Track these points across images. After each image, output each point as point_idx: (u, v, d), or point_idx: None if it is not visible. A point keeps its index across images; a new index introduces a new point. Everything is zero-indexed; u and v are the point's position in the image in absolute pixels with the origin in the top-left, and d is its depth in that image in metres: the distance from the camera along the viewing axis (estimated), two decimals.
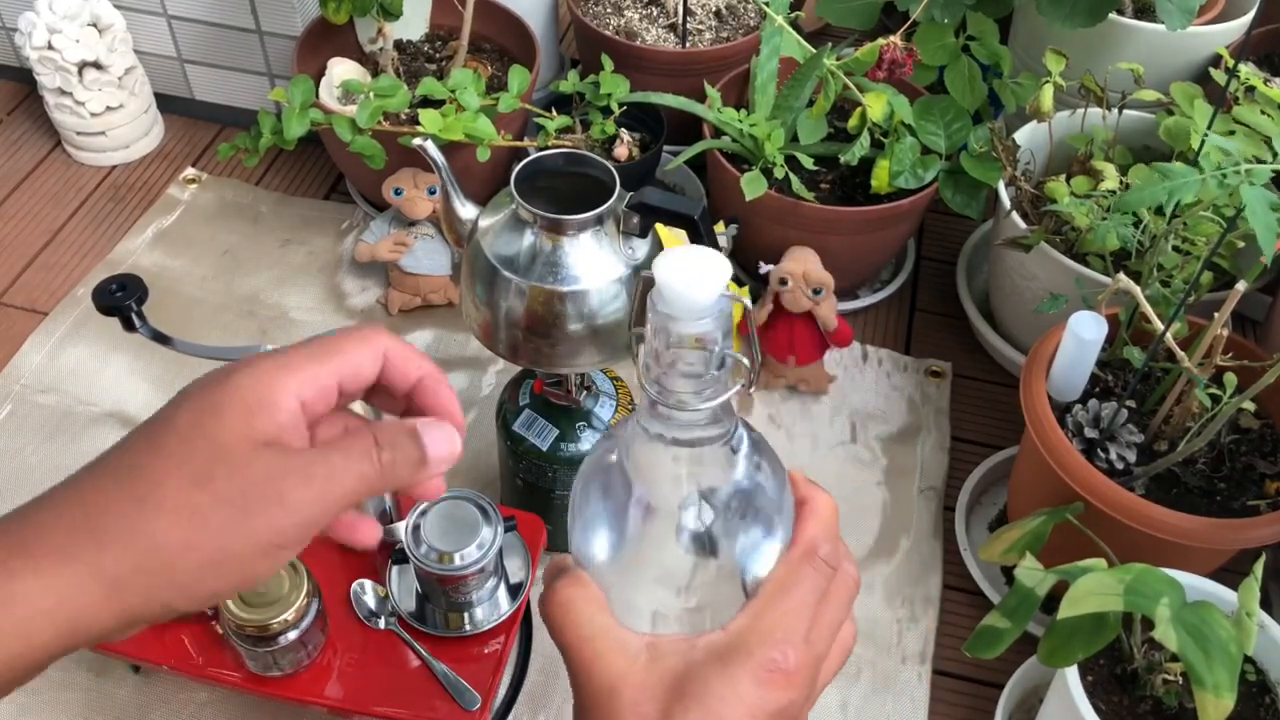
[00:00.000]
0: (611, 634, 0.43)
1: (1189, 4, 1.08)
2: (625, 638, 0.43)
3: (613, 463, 0.45)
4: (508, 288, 0.77)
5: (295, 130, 1.08)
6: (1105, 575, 0.70)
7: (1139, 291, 0.83)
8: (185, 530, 0.40)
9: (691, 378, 0.41)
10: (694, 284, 0.39)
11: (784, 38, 1.14)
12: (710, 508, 0.44)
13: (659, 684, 0.42)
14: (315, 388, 0.43)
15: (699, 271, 0.39)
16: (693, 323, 0.40)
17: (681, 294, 0.39)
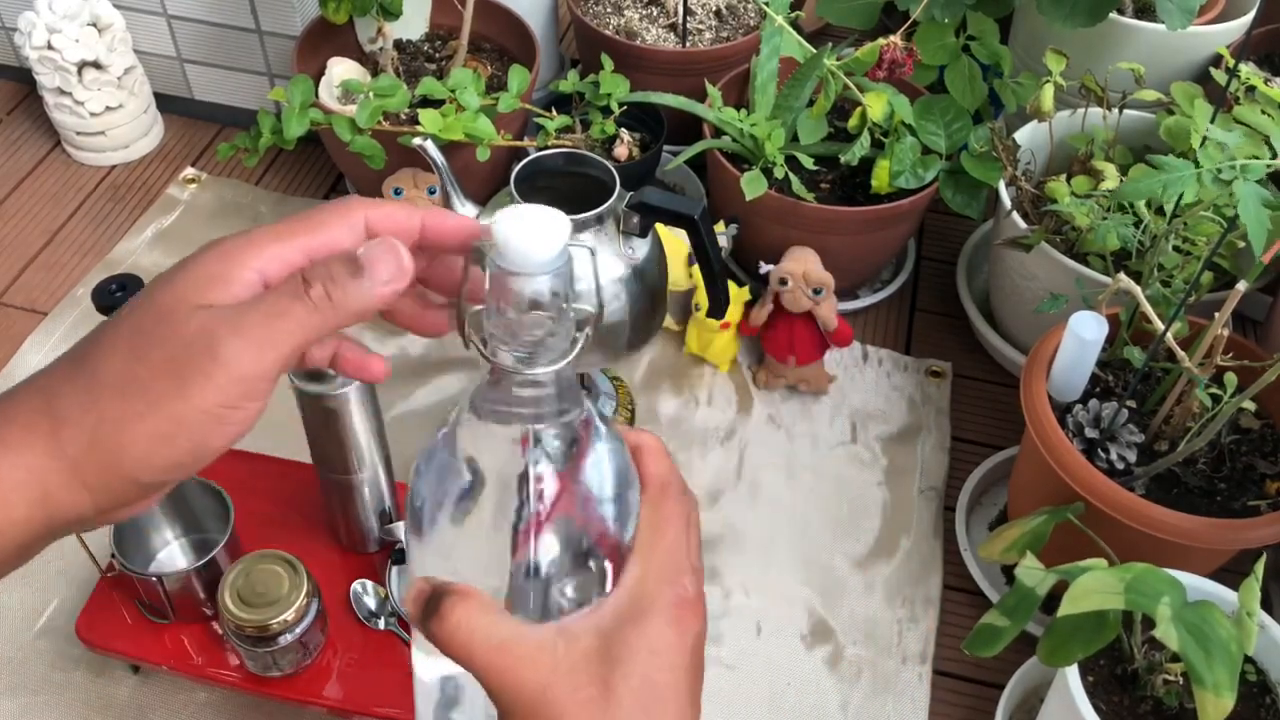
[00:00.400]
0: (521, 635, 0.41)
1: (1189, 4, 1.08)
2: (534, 634, 0.41)
3: (452, 456, 0.43)
4: None
5: (295, 130, 1.08)
6: (1106, 574, 0.70)
7: (1139, 291, 0.83)
8: (128, 402, 0.39)
9: (537, 342, 0.40)
10: (535, 237, 0.38)
11: (784, 37, 1.14)
12: (561, 481, 0.42)
13: (587, 664, 0.41)
14: (279, 263, 0.41)
15: (540, 225, 0.38)
16: (536, 279, 0.38)
17: (523, 248, 0.38)
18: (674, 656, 0.42)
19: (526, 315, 0.39)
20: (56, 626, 0.94)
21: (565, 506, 0.42)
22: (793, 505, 1.04)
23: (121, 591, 0.87)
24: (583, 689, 0.40)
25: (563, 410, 0.42)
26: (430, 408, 1.11)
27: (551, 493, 0.42)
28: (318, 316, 0.40)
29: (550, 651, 0.41)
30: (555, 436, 0.42)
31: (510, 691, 0.40)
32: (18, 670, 0.91)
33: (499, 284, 0.39)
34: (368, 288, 0.40)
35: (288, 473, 0.95)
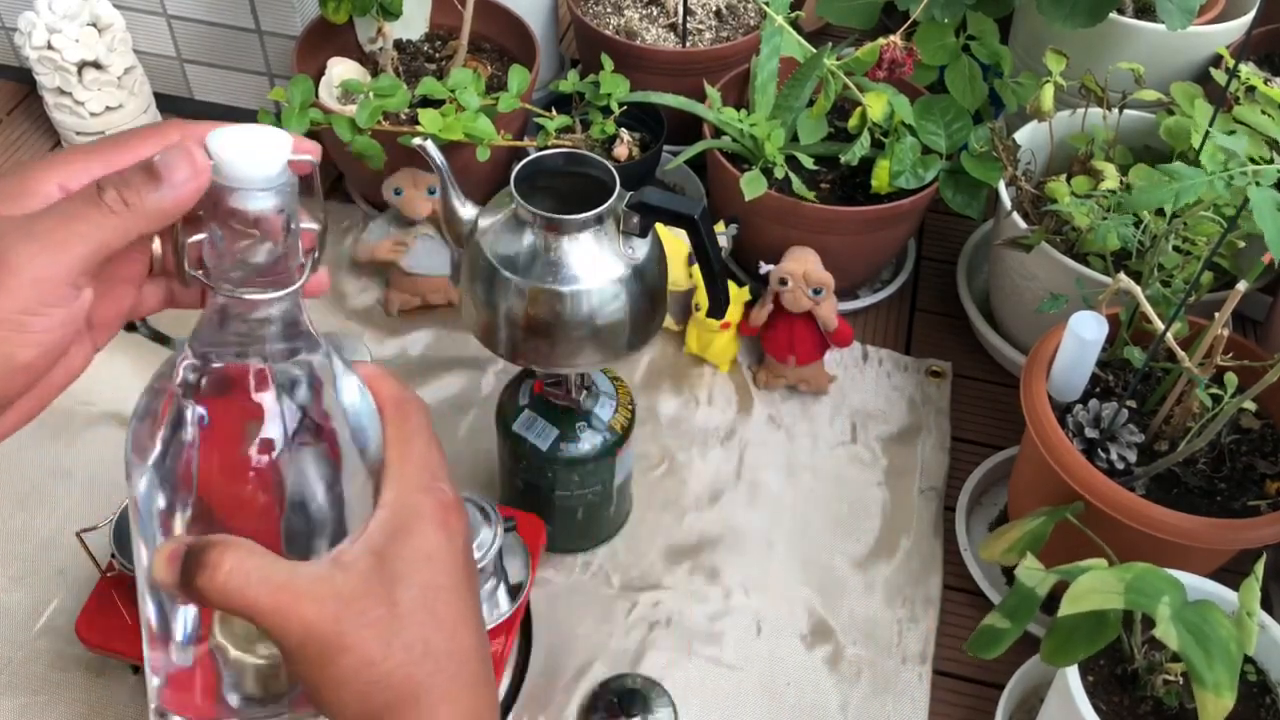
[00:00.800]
0: (297, 572, 0.40)
1: (1189, 4, 1.08)
2: (310, 569, 0.40)
3: (182, 401, 0.41)
4: (508, 288, 0.77)
5: (294, 130, 1.08)
6: (1106, 574, 0.70)
7: (1139, 291, 0.83)
8: None
9: (260, 265, 0.38)
10: (253, 151, 0.37)
11: (784, 37, 1.14)
12: (303, 414, 0.41)
13: (368, 586, 0.41)
14: (84, 177, 0.41)
15: (257, 139, 0.37)
16: (256, 195, 0.37)
17: (240, 162, 0.37)
18: (448, 559, 0.43)
19: (249, 237, 0.38)
20: (56, 626, 0.94)
21: (310, 440, 0.41)
22: (793, 505, 1.04)
23: (121, 592, 0.86)
24: (370, 611, 0.40)
25: (295, 341, 0.41)
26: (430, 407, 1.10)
27: (293, 428, 0.41)
28: (114, 219, 0.39)
29: (330, 583, 0.40)
30: (293, 368, 0.41)
31: (298, 632, 0.39)
32: (17, 670, 0.91)
33: (218, 202, 0.37)
34: (165, 190, 0.39)
35: None
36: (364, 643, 0.40)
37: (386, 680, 0.41)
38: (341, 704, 0.41)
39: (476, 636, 0.44)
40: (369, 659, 0.40)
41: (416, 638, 0.41)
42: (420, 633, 0.42)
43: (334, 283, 1.23)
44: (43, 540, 1.00)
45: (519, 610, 0.86)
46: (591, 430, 0.89)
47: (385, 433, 0.44)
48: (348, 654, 0.40)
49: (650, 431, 1.09)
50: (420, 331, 1.18)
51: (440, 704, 0.42)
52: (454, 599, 0.43)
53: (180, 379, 0.40)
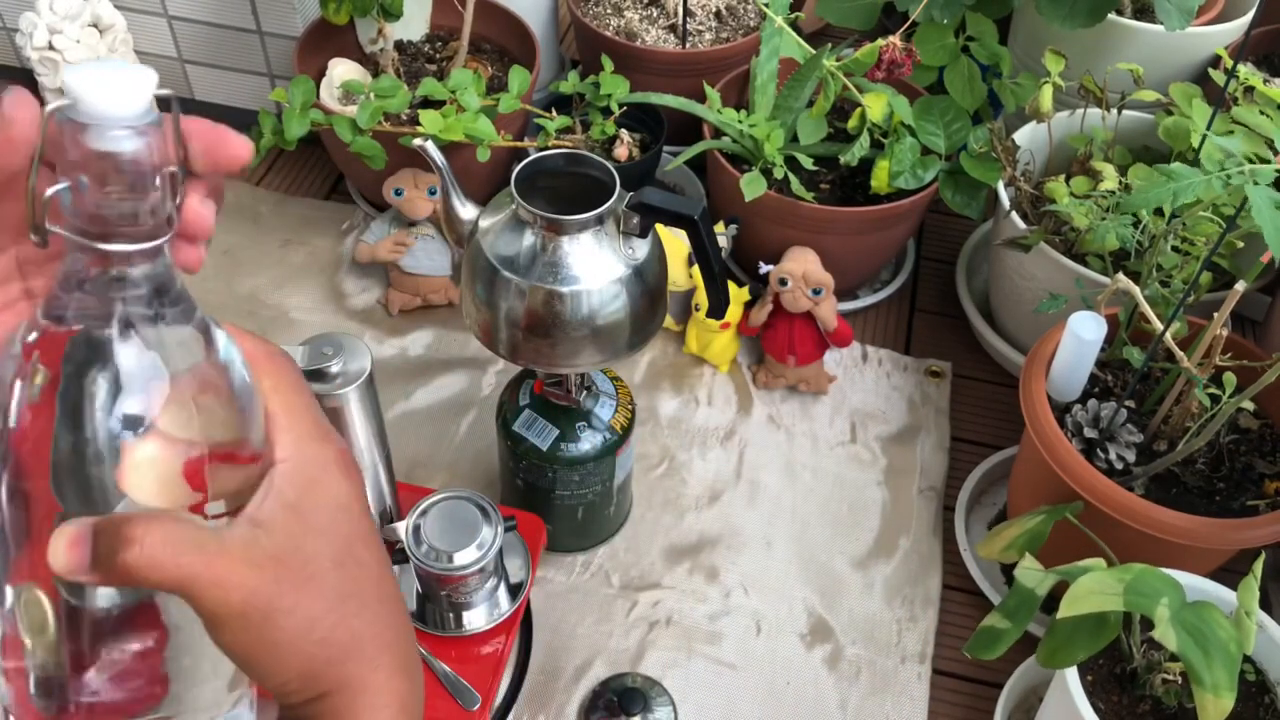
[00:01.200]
0: (224, 539, 0.38)
1: (1188, 4, 1.08)
2: (234, 533, 0.38)
3: (28, 374, 0.38)
4: (508, 288, 0.77)
5: (295, 131, 1.08)
6: (1105, 575, 0.70)
7: (1138, 291, 0.83)
8: None
9: (126, 215, 0.35)
10: (114, 83, 0.34)
11: (784, 38, 1.14)
12: (179, 379, 0.38)
13: (295, 542, 0.39)
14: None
15: (118, 72, 0.34)
16: (117, 135, 0.34)
17: (99, 95, 0.34)
18: (359, 507, 0.42)
19: (113, 183, 0.35)
20: None
21: (186, 401, 0.38)
22: (792, 505, 1.04)
23: None
24: (305, 568, 0.39)
25: (165, 298, 0.38)
26: (430, 408, 1.11)
27: (165, 395, 0.37)
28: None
29: (258, 544, 0.38)
30: (164, 330, 0.38)
31: (238, 600, 0.37)
32: None
33: (75, 144, 0.35)
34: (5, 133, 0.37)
35: None
36: (305, 602, 0.39)
37: (328, 638, 0.40)
38: (280, 670, 0.39)
39: (394, 582, 0.45)
40: (310, 618, 0.39)
41: (347, 590, 0.41)
42: (350, 584, 0.41)
43: (334, 283, 1.23)
44: None
45: (519, 609, 0.86)
46: (591, 430, 0.89)
47: (261, 386, 0.42)
48: (290, 615, 0.39)
49: (650, 431, 1.09)
50: (420, 331, 1.18)
51: (381, 653, 0.42)
52: (373, 544, 0.43)
53: (29, 345, 0.37)
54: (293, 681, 0.40)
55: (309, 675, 0.40)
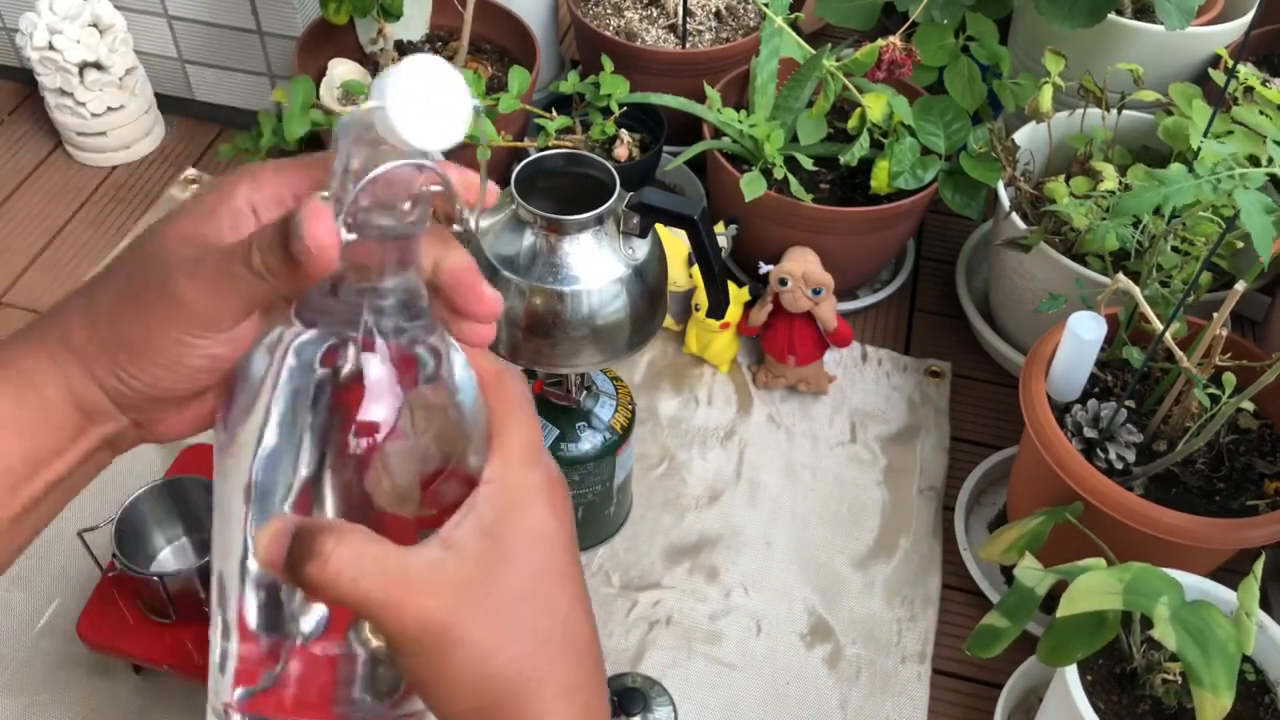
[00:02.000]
0: (410, 560, 0.37)
1: (1188, 4, 1.08)
2: (422, 555, 0.38)
3: (298, 374, 0.39)
4: (508, 288, 0.77)
5: (296, 131, 1.08)
6: (1104, 574, 0.70)
7: (1138, 291, 0.83)
8: (118, 313, 0.40)
9: (397, 218, 0.36)
10: (436, 122, 0.34)
11: (784, 38, 1.14)
12: (418, 388, 0.39)
13: (480, 570, 0.38)
14: (275, 204, 0.41)
15: (442, 106, 0.34)
16: (420, 162, 0.35)
17: (419, 131, 0.34)
18: (559, 540, 0.41)
19: (395, 195, 0.35)
20: (57, 626, 0.94)
21: (424, 414, 0.39)
22: (792, 505, 1.04)
23: (123, 591, 0.87)
24: (485, 599, 0.38)
25: (410, 311, 0.39)
26: None
27: (409, 402, 0.38)
28: (261, 284, 0.38)
29: (443, 569, 0.38)
30: (411, 342, 0.39)
31: (413, 627, 0.37)
32: (18, 670, 0.91)
33: (373, 154, 0.34)
34: (303, 267, 0.37)
35: None
36: (481, 634, 0.38)
37: (502, 673, 0.38)
38: (453, 699, 0.38)
39: (590, 624, 0.43)
40: (485, 651, 0.38)
41: (530, 628, 0.39)
42: (535, 621, 0.39)
43: None
44: (44, 540, 0.99)
45: None
46: (591, 430, 0.89)
47: (487, 401, 0.42)
48: (464, 647, 0.38)
49: (650, 431, 1.09)
50: None
51: (557, 697, 0.40)
52: (567, 583, 0.41)
53: (296, 347, 0.39)
54: (466, 715, 0.39)
55: (481, 710, 0.39)
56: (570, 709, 0.41)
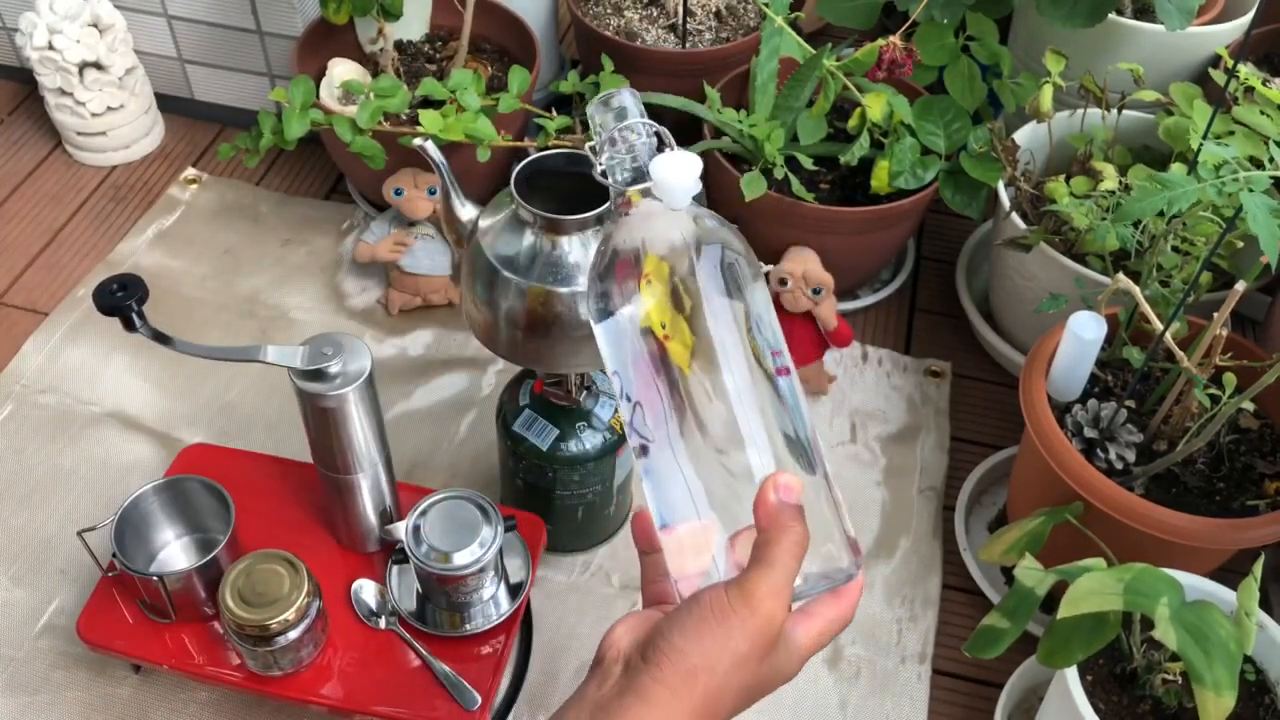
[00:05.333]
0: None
1: (1188, 4, 1.08)
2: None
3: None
4: (508, 288, 0.77)
5: (295, 130, 1.08)
6: (1105, 575, 0.70)
7: (1138, 291, 0.83)
8: None
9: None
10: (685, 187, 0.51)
11: (784, 38, 1.14)
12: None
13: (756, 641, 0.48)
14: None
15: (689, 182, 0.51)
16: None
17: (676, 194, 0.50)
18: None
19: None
20: (57, 626, 0.94)
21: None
22: None
23: (123, 591, 0.87)
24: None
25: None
26: (430, 408, 1.11)
27: None
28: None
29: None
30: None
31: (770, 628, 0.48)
32: (18, 670, 0.91)
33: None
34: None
35: (288, 472, 0.95)
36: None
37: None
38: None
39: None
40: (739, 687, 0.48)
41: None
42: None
43: (334, 283, 1.23)
44: (44, 540, 1.00)
45: (519, 609, 0.86)
46: (591, 430, 0.89)
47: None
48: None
49: None
50: (420, 331, 1.18)
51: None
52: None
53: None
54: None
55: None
56: None
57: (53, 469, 1.05)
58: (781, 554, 0.47)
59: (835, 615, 0.51)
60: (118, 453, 1.06)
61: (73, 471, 1.05)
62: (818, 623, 0.50)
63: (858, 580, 0.52)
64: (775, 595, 0.47)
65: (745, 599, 0.47)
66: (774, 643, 0.48)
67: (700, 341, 0.50)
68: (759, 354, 0.51)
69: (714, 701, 0.47)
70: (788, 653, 0.49)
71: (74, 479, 1.04)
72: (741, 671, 0.47)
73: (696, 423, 0.50)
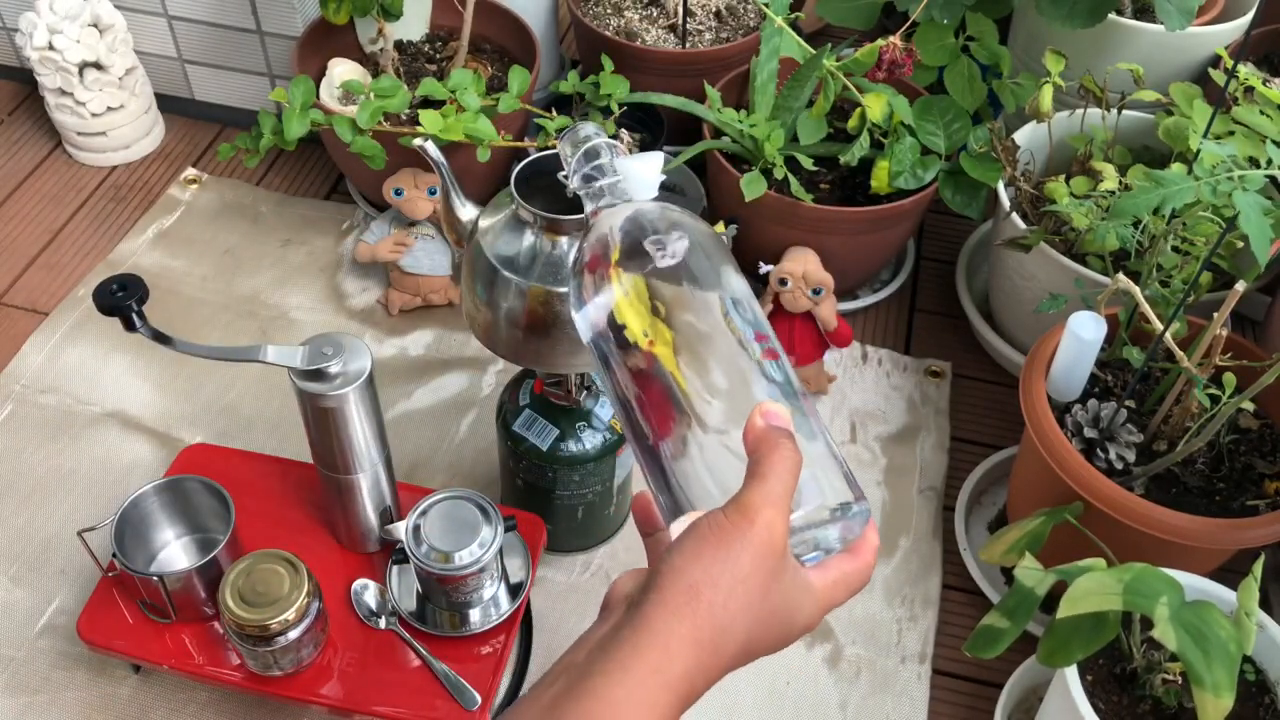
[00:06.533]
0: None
1: (1188, 4, 1.08)
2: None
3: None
4: (508, 288, 0.77)
5: (295, 130, 1.08)
6: (1104, 575, 0.70)
7: (1138, 292, 0.83)
8: None
9: None
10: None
11: (784, 38, 1.14)
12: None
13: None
14: None
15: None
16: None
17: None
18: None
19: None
20: (57, 626, 0.94)
21: None
22: None
23: (123, 591, 0.87)
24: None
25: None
26: (430, 408, 1.11)
27: None
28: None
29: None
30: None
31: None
32: (18, 670, 0.91)
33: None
34: None
35: (288, 472, 0.95)
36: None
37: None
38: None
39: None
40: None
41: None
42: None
43: (334, 283, 1.23)
44: (44, 540, 1.00)
45: (519, 609, 0.86)
46: (591, 430, 0.89)
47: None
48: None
49: None
50: (420, 331, 1.18)
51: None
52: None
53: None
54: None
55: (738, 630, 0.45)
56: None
57: (53, 469, 1.05)
58: (773, 466, 0.45)
59: (852, 567, 0.48)
60: (118, 453, 1.06)
61: (73, 471, 1.05)
62: (832, 572, 0.48)
63: (871, 539, 0.49)
64: (771, 504, 0.44)
65: (740, 511, 0.44)
66: (779, 558, 0.45)
67: (680, 336, 0.50)
68: (740, 337, 0.51)
69: (720, 621, 0.44)
70: (801, 590, 0.46)
71: (74, 479, 1.04)
72: (748, 588, 0.44)
73: (695, 417, 0.50)
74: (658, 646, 0.43)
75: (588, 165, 0.59)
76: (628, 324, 0.51)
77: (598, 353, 0.53)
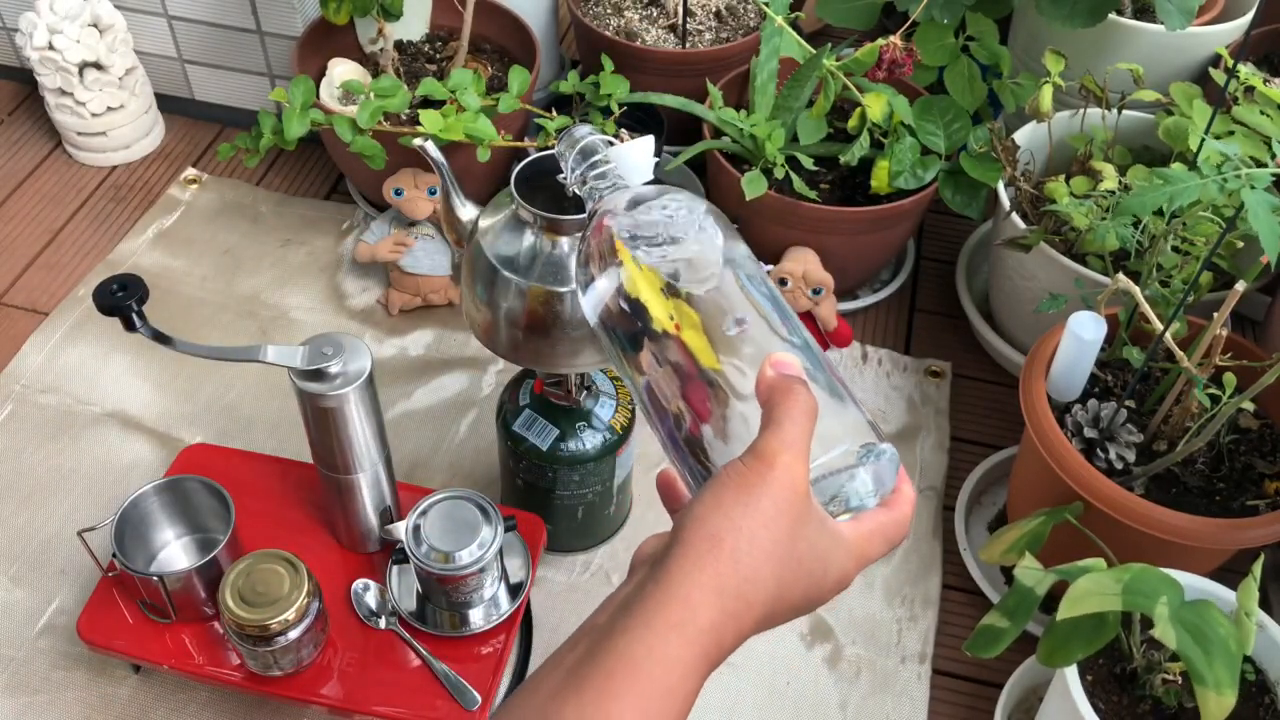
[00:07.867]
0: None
1: (1189, 4, 1.08)
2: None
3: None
4: (508, 288, 0.77)
5: (295, 130, 1.08)
6: (1104, 575, 0.70)
7: (1138, 292, 0.83)
8: None
9: None
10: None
11: (784, 38, 1.14)
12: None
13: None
14: None
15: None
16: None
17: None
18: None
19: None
20: (57, 626, 0.94)
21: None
22: None
23: (123, 591, 0.87)
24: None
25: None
26: (430, 408, 1.11)
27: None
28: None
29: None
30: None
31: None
32: (18, 670, 0.91)
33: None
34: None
35: (288, 472, 0.95)
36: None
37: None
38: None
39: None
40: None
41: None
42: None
43: (334, 283, 1.23)
44: (44, 540, 1.00)
45: (519, 609, 0.86)
46: (591, 430, 0.89)
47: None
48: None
49: (650, 431, 1.09)
50: (420, 331, 1.18)
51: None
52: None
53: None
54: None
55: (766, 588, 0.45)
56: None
57: (53, 469, 1.05)
58: (788, 411, 0.44)
59: (888, 518, 0.47)
60: (118, 453, 1.06)
61: (73, 471, 1.05)
62: (867, 523, 0.46)
63: (907, 491, 0.48)
64: (788, 447, 0.43)
65: (758, 456, 0.43)
66: (803, 501, 0.43)
67: (704, 314, 0.50)
68: (756, 305, 0.50)
69: (744, 569, 0.43)
70: (831, 539, 0.45)
71: (74, 479, 1.04)
72: (772, 533, 0.43)
73: (730, 389, 0.49)
74: (679, 599, 0.42)
75: (585, 163, 0.60)
76: (648, 306, 0.50)
77: (609, 336, 0.53)
